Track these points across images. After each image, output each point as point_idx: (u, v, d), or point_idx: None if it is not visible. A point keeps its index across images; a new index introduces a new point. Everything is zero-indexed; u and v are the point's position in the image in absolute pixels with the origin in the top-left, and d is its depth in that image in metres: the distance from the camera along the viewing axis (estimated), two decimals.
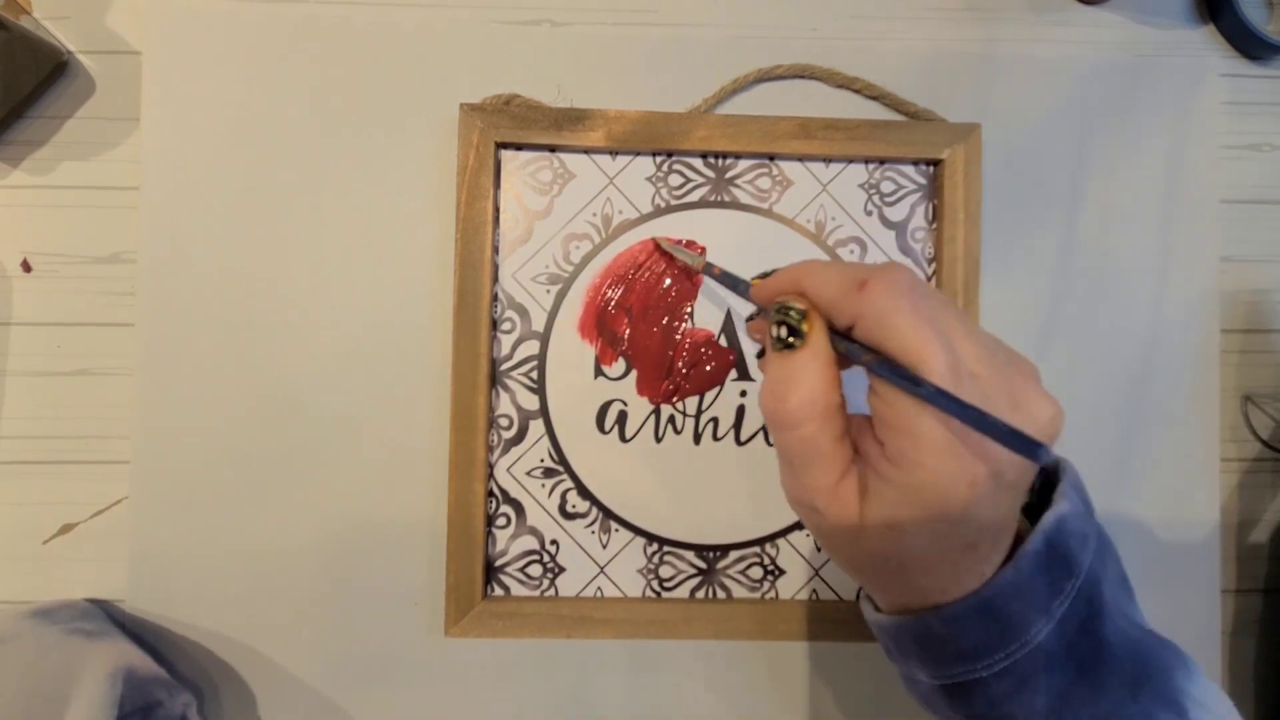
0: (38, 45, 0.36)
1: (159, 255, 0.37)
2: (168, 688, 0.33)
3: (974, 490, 0.21)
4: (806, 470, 0.23)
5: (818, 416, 0.23)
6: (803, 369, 0.23)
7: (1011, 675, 0.23)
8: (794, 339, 0.23)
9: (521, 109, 0.37)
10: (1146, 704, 0.23)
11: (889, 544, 0.22)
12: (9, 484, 0.37)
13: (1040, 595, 0.23)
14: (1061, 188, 0.38)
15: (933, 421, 0.21)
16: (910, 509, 0.21)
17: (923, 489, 0.21)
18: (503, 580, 0.37)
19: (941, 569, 0.23)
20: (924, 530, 0.22)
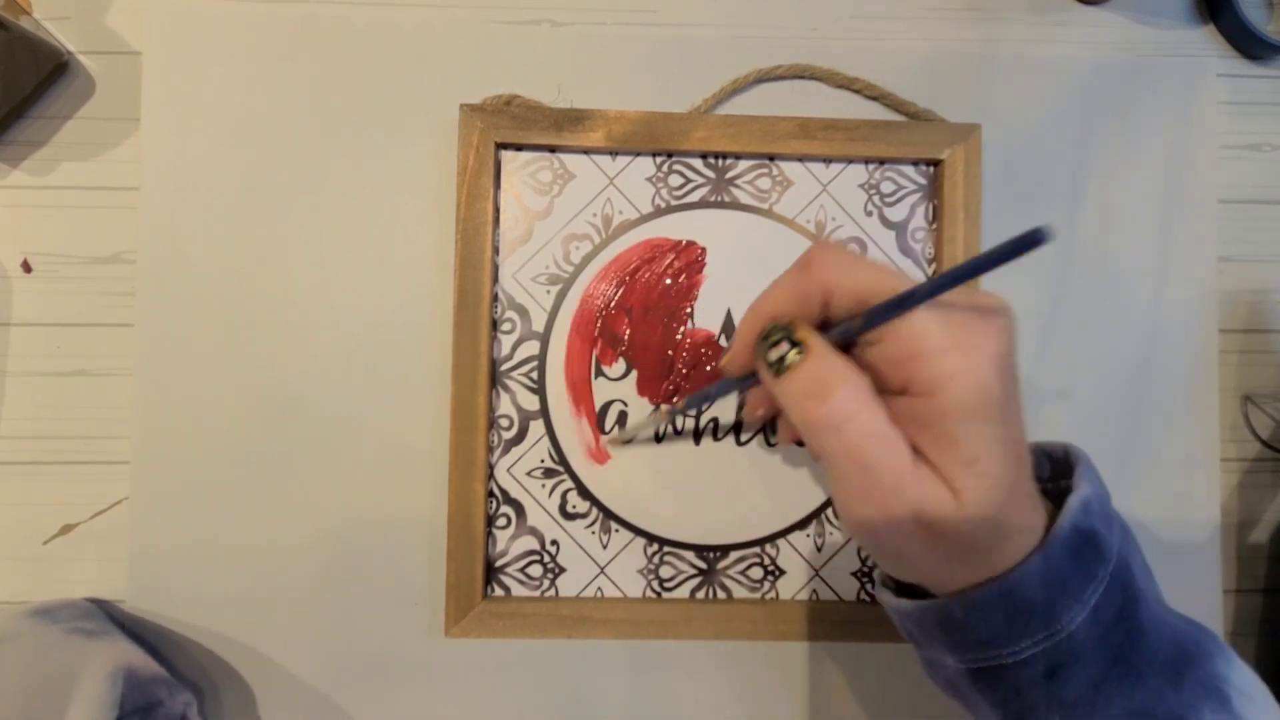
0: (38, 45, 0.36)
1: (159, 255, 0.37)
2: (168, 687, 0.33)
3: (1003, 368, 0.21)
4: (883, 462, 0.22)
5: (865, 400, 0.22)
6: (821, 366, 0.23)
7: (1041, 662, 0.23)
8: (794, 350, 0.23)
9: (521, 109, 0.37)
10: (1188, 694, 0.23)
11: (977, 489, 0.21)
12: (9, 484, 0.37)
13: (1072, 582, 0.23)
14: (1061, 188, 0.38)
15: (935, 327, 0.21)
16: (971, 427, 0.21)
17: (967, 396, 0.21)
18: (503, 580, 0.37)
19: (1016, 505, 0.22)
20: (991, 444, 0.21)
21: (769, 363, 0.23)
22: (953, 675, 0.26)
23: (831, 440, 0.22)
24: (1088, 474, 0.25)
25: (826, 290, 0.23)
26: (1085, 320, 0.38)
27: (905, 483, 0.22)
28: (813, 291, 0.23)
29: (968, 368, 0.21)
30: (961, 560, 0.23)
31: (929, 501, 0.22)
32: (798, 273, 0.24)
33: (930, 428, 0.22)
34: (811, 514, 0.38)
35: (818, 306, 0.23)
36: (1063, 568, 0.22)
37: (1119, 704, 0.23)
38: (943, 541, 0.22)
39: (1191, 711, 0.22)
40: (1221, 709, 0.23)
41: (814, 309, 0.23)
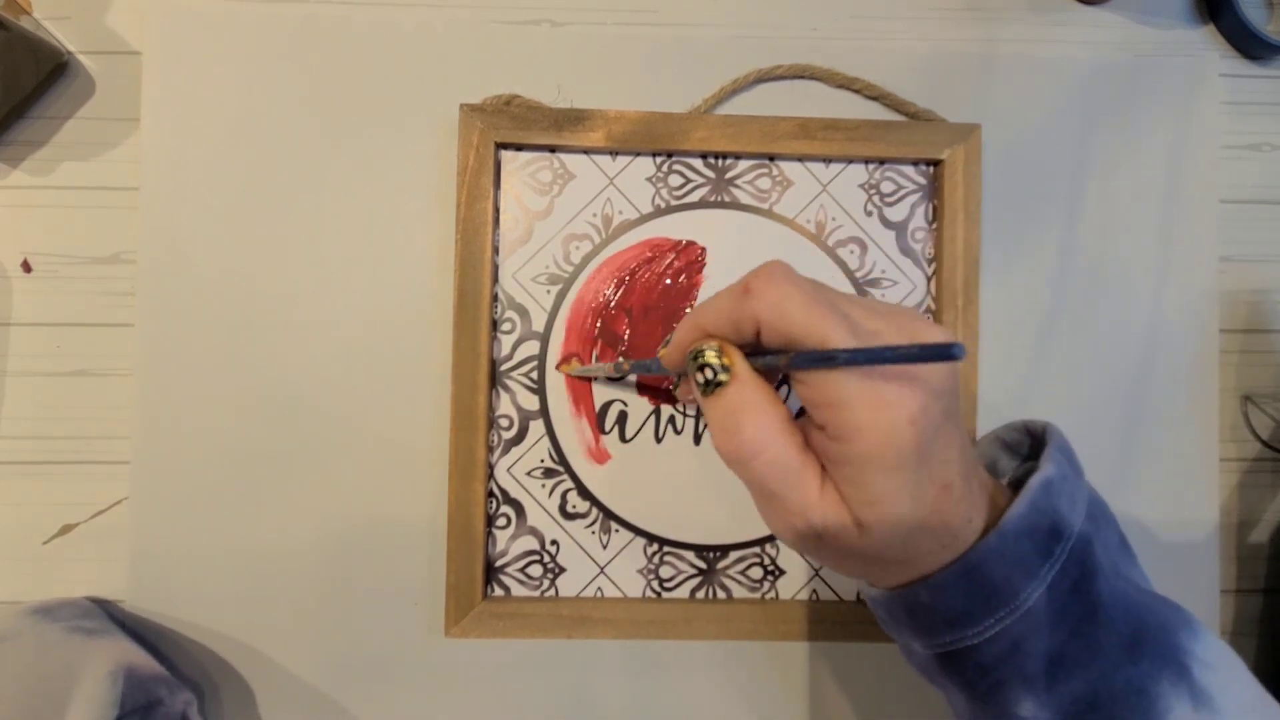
0: (38, 45, 0.36)
1: (159, 255, 0.37)
2: (168, 686, 0.33)
3: (916, 426, 0.21)
4: (788, 493, 0.23)
5: (776, 435, 0.23)
6: (740, 398, 0.23)
7: (1002, 640, 0.24)
8: (720, 376, 0.24)
9: (521, 109, 0.37)
10: (1147, 665, 0.23)
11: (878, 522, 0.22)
12: (9, 484, 0.37)
13: (1028, 559, 0.23)
14: (1061, 188, 0.38)
15: (854, 381, 0.22)
16: (876, 475, 0.22)
17: (876, 449, 0.21)
18: (503, 580, 0.37)
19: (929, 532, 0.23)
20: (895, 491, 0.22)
21: (697, 381, 0.24)
22: (923, 662, 0.27)
23: (739, 469, 0.24)
24: (1056, 455, 0.25)
25: (758, 322, 0.23)
26: (1085, 320, 0.38)
27: (810, 510, 0.23)
28: (746, 320, 0.23)
29: (878, 423, 0.21)
30: (882, 568, 0.24)
31: (831, 529, 0.23)
32: (736, 297, 0.24)
33: (840, 467, 0.22)
34: None
35: (751, 333, 0.24)
36: (1019, 545, 0.23)
37: (1078, 675, 0.23)
38: (855, 558, 0.24)
39: (1150, 682, 0.23)
40: (1180, 680, 0.23)
41: (748, 334, 0.24)
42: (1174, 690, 0.23)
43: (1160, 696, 0.23)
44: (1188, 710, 0.23)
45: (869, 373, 0.22)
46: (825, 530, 0.23)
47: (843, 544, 0.23)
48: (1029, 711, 0.24)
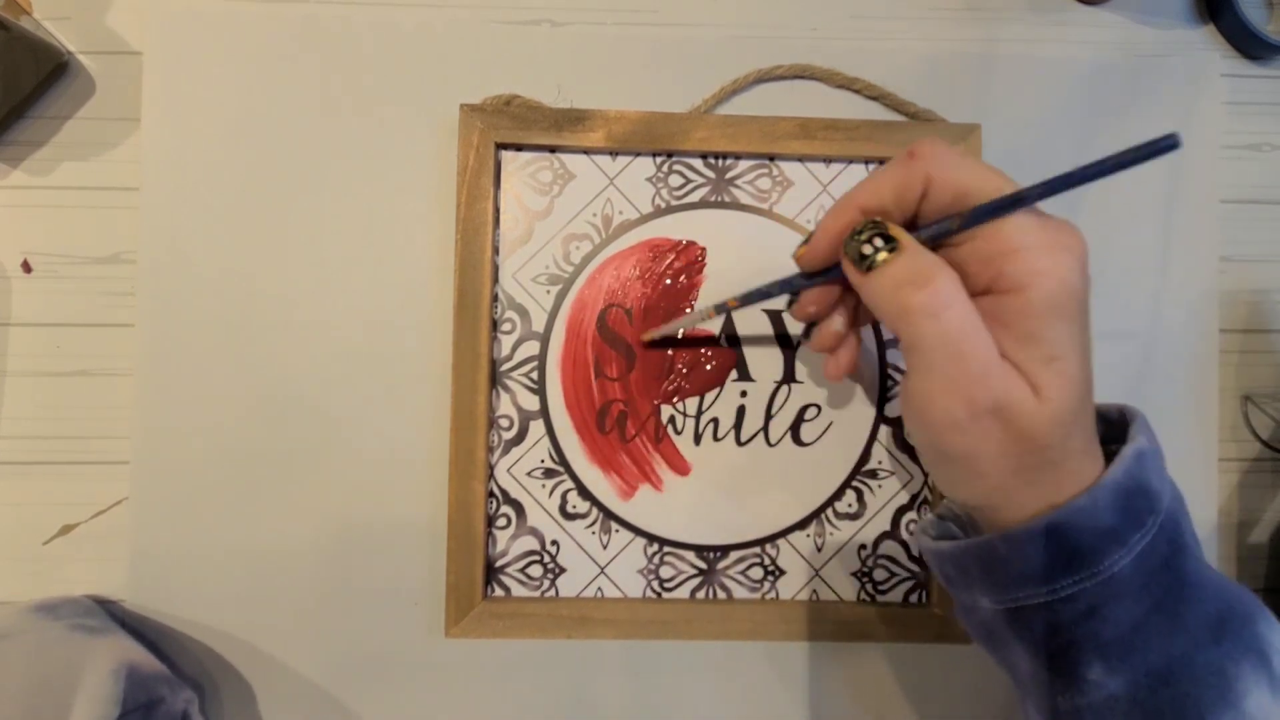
0: (38, 45, 0.36)
1: (159, 255, 0.37)
2: (169, 684, 0.33)
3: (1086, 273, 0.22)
4: (974, 352, 0.22)
5: (960, 292, 0.23)
6: (918, 259, 0.23)
7: (1080, 602, 0.23)
8: (890, 244, 0.23)
9: (521, 109, 0.37)
10: (1229, 648, 0.23)
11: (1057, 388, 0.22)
12: (9, 484, 0.37)
13: (1120, 527, 0.23)
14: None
15: (1033, 226, 0.22)
16: (1055, 325, 0.22)
17: (1054, 293, 0.22)
18: (503, 581, 0.37)
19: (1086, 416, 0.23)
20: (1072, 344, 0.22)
21: (860, 257, 0.24)
22: (987, 618, 0.26)
23: (929, 326, 0.22)
24: (1144, 430, 0.25)
25: (928, 182, 0.24)
26: None
27: (992, 373, 0.22)
28: (914, 183, 0.24)
29: (1057, 266, 0.22)
30: (1028, 473, 0.23)
31: (1013, 395, 0.22)
32: (902, 163, 0.24)
33: (1013, 326, 0.22)
34: (812, 514, 0.38)
35: (915, 199, 0.24)
36: (1112, 513, 0.23)
37: (1157, 648, 0.23)
38: (1018, 443, 0.23)
39: (1231, 664, 0.23)
40: (1262, 666, 0.23)
41: (911, 202, 0.24)
42: (1254, 675, 0.23)
43: (1239, 678, 0.23)
44: (1266, 696, 0.23)
45: (1042, 220, 0.22)
46: (1007, 397, 0.22)
47: (1019, 417, 0.22)
48: (1097, 675, 0.23)
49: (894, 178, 0.24)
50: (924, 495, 0.38)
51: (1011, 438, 0.23)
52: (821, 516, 0.38)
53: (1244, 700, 0.22)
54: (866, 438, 0.38)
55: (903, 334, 0.23)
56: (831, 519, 0.38)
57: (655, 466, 0.37)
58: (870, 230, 0.24)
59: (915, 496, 0.38)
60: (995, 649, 0.27)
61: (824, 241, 0.26)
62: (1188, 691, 0.23)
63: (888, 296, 0.23)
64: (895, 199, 0.24)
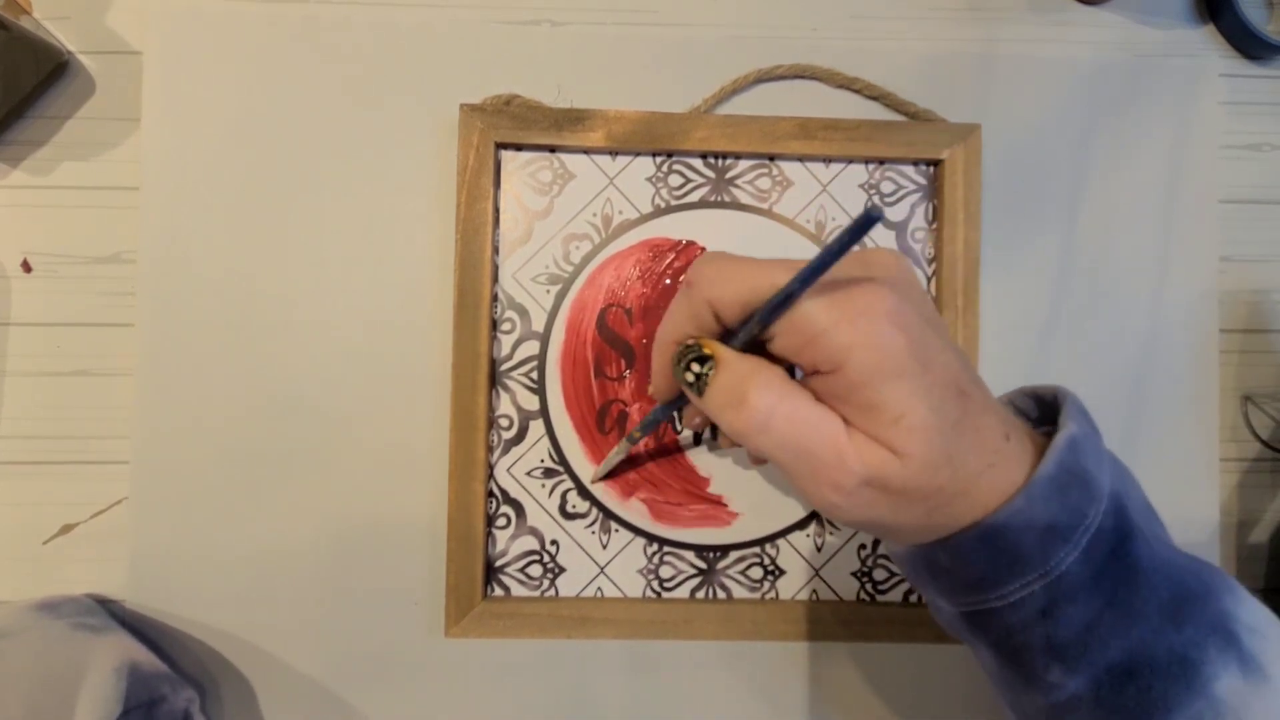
0: (38, 45, 0.36)
1: (159, 255, 0.37)
2: (171, 683, 0.33)
3: (898, 325, 0.21)
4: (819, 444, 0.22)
5: (783, 390, 0.22)
6: (732, 373, 0.23)
7: (1029, 605, 0.23)
8: (705, 366, 0.24)
9: (521, 109, 0.37)
10: (1191, 632, 0.22)
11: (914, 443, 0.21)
12: (9, 484, 0.37)
13: (1060, 523, 0.22)
14: (1061, 188, 0.38)
15: (820, 306, 0.22)
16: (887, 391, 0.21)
17: (871, 363, 0.21)
18: (503, 580, 0.37)
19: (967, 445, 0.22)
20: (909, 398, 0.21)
21: (687, 384, 0.24)
22: (948, 619, 0.26)
23: (763, 439, 0.22)
24: (1075, 414, 0.24)
25: (711, 305, 0.24)
26: (1085, 320, 0.38)
27: (845, 454, 0.22)
28: (701, 309, 0.24)
29: (861, 335, 0.21)
30: (941, 510, 0.23)
31: (873, 465, 0.22)
32: (684, 294, 0.25)
33: (849, 400, 0.22)
34: (812, 514, 0.38)
35: (711, 321, 0.24)
36: (1049, 508, 0.22)
37: (1115, 644, 0.22)
38: (906, 498, 0.22)
39: (1194, 649, 0.22)
40: (1228, 647, 0.22)
41: (709, 324, 0.24)
42: (1221, 658, 0.22)
43: (1205, 664, 0.22)
44: (1236, 679, 0.22)
45: (831, 295, 0.22)
46: (870, 473, 0.22)
47: (893, 484, 0.22)
48: (1056, 677, 0.23)
49: (683, 310, 0.25)
50: None
51: (896, 497, 0.22)
52: (821, 516, 0.38)
53: (1212, 685, 0.22)
54: None
55: (749, 450, 0.24)
56: (831, 519, 0.38)
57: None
58: (688, 355, 0.24)
59: None
60: (965, 643, 0.27)
61: (661, 378, 0.27)
62: (1151, 684, 0.22)
63: (720, 420, 0.24)
64: (695, 327, 0.24)
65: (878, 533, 0.25)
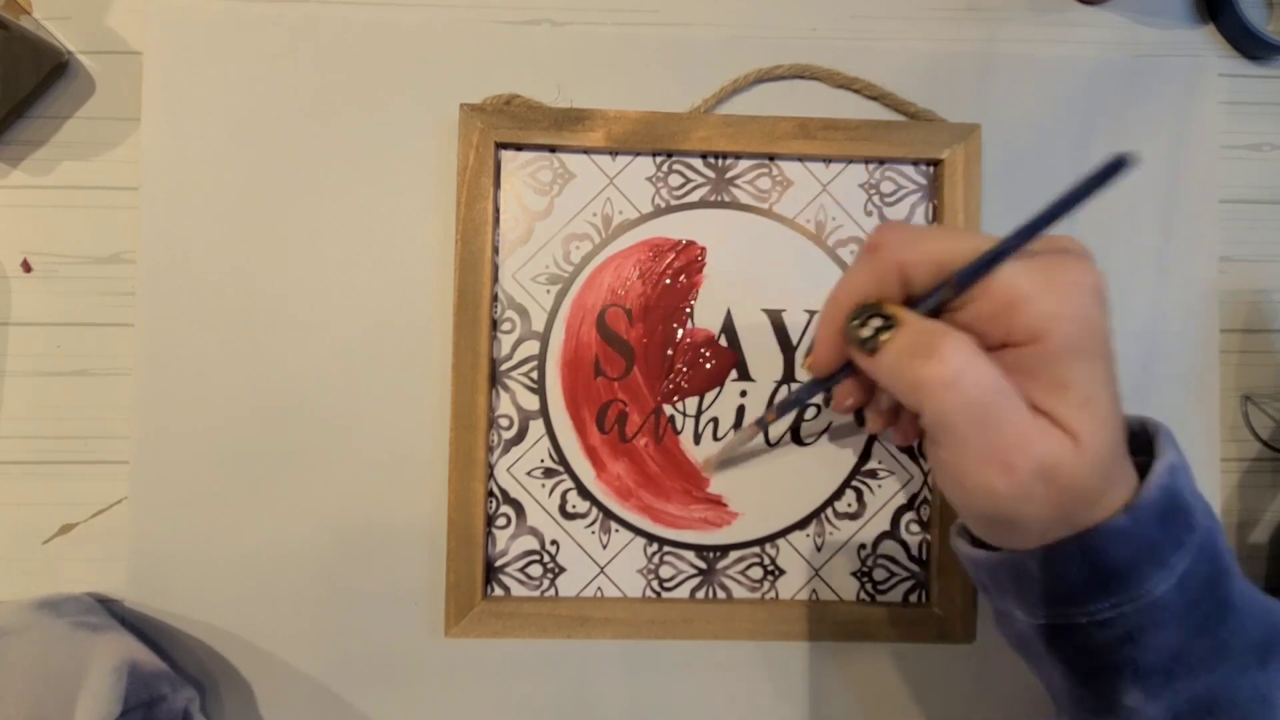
0: (38, 45, 0.36)
1: (159, 255, 0.37)
2: (171, 682, 0.33)
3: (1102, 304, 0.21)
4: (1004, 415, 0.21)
5: (973, 353, 0.21)
6: (918, 329, 0.22)
7: (1117, 626, 0.22)
8: (888, 321, 0.23)
9: (521, 109, 0.37)
10: (1274, 673, 0.22)
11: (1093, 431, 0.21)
12: (9, 484, 0.37)
13: (1160, 547, 0.22)
14: (1061, 188, 0.38)
15: (1026, 273, 0.21)
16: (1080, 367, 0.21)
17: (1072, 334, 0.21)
18: (503, 580, 0.37)
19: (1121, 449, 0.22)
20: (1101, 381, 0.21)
21: (861, 341, 0.23)
22: (1022, 630, 0.25)
23: (949, 396, 0.21)
24: (1170, 444, 0.24)
25: (901, 268, 0.23)
26: None
27: (1029, 435, 0.21)
28: (888, 273, 0.23)
29: (1068, 305, 0.21)
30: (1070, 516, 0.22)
31: (1053, 452, 0.21)
32: (868, 258, 0.23)
33: (1038, 375, 0.21)
34: (811, 514, 0.38)
35: (895, 285, 0.23)
36: (1150, 531, 0.22)
37: (1201, 677, 0.22)
38: (1063, 494, 0.21)
39: (1277, 690, 0.22)
40: None
41: (892, 289, 0.23)
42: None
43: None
44: None
45: (1035, 263, 0.21)
46: (1046, 456, 0.21)
47: (1061, 477, 0.21)
48: (1135, 701, 0.23)
49: (866, 275, 0.23)
50: (924, 495, 0.38)
51: (1055, 493, 0.21)
52: (821, 516, 0.38)
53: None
54: (866, 438, 0.38)
55: (924, 409, 0.22)
56: (831, 519, 0.38)
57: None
58: (866, 313, 0.23)
59: (915, 496, 0.38)
60: (1031, 660, 0.26)
61: (824, 345, 0.25)
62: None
63: (898, 373, 0.22)
64: (877, 291, 0.23)
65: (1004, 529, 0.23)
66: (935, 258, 0.22)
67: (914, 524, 0.38)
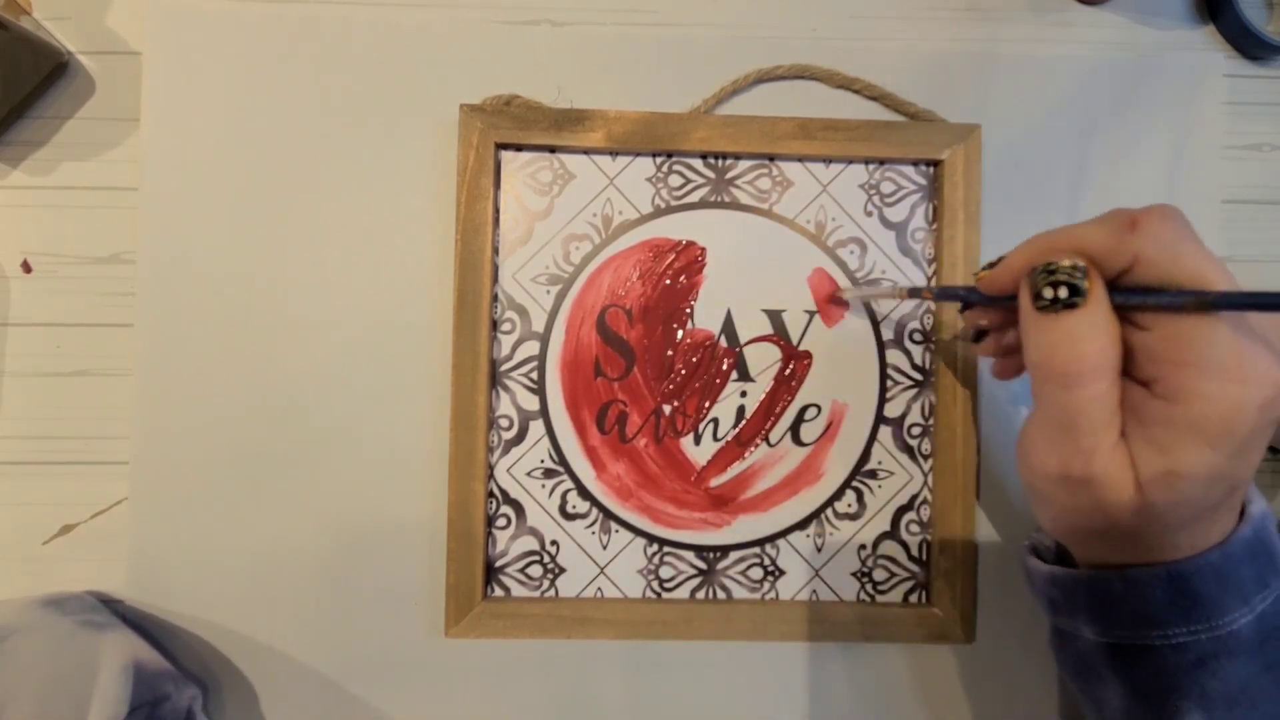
0: (38, 45, 0.36)
1: (159, 255, 0.37)
2: (174, 681, 0.33)
3: (1263, 414, 0.20)
4: (1089, 431, 0.21)
5: (1113, 368, 0.22)
6: (1092, 323, 0.22)
7: (1191, 651, 0.23)
8: (1075, 297, 0.22)
9: (521, 109, 0.37)
10: None
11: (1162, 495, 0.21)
12: (9, 484, 0.37)
13: (1244, 584, 0.23)
14: (1061, 188, 0.38)
15: (1226, 340, 0.20)
16: (1191, 448, 0.20)
17: (1208, 421, 0.20)
18: (503, 581, 0.37)
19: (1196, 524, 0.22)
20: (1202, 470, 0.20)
21: (1038, 293, 0.23)
22: (1086, 648, 0.26)
23: (1056, 391, 0.22)
24: (1257, 492, 0.25)
25: (1137, 257, 0.22)
26: None
27: (1096, 456, 0.21)
28: (1124, 253, 0.22)
29: (1225, 396, 0.20)
30: (1114, 542, 0.23)
31: (1110, 479, 0.21)
32: (1119, 229, 0.22)
33: (1149, 427, 0.21)
34: (812, 514, 0.38)
35: (1117, 269, 0.22)
36: (1239, 570, 0.23)
37: (1263, 708, 0.23)
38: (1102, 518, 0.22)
39: None
40: None
41: (1109, 266, 0.22)
42: None
43: None
44: None
45: (1241, 340, 0.20)
46: (1098, 481, 0.21)
47: (1106, 503, 0.21)
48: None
49: (1101, 236, 0.22)
50: (924, 495, 0.38)
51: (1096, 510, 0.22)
52: (821, 516, 0.38)
53: None
54: (866, 438, 0.38)
55: (1033, 380, 0.23)
56: (831, 519, 0.38)
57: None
58: (1066, 275, 0.22)
59: (915, 496, 0.38)
60: (1086, 681, 0.27)
61: (1007, 274, 0.25)
62: None
63: (1040, 342, 0.22)
64: (1102, 259, 0.22)
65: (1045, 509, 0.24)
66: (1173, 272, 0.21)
67: (914, 524, 0.38)
